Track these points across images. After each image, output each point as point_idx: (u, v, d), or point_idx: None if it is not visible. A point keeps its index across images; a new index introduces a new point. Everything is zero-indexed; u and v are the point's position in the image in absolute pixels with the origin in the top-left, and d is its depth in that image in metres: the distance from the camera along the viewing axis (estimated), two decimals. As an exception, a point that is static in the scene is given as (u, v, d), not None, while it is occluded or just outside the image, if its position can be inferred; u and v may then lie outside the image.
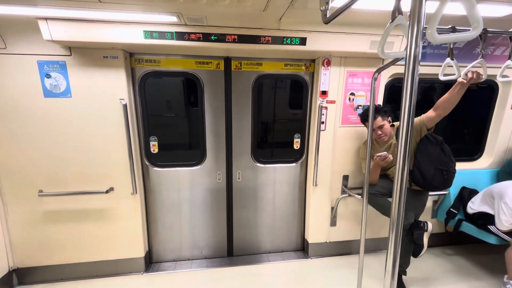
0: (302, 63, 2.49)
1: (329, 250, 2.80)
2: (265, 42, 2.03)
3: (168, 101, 2.46)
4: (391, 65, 1.68)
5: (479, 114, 2.90)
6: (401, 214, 0.83)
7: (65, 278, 2.39)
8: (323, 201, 2.66)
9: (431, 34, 0.84)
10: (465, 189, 2.68)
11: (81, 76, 2.07)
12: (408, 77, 0.77)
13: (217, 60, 2.37)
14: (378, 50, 1.14)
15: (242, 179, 2.66)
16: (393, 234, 0.86)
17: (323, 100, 2.42)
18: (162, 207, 2.59)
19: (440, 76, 1.65)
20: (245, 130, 2.56)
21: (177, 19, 1.82)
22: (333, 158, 2.56)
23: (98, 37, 1.87)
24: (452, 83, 1.81)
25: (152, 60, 2.28)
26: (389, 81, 2.54)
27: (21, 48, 1.96)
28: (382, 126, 2.11)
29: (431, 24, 0.82)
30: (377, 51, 1.15)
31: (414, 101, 0.78)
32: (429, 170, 2.01)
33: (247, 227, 2.79)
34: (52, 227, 2.28)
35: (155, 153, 2.46)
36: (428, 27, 0.82)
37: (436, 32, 0.83)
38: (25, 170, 2.14)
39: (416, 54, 0.75)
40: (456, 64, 1.50)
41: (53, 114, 2.09)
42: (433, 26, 0.82)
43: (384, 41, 1.09)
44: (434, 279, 2.46)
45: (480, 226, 2.36)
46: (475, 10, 0.82)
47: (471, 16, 0.83)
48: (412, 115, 0.79)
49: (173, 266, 2.63)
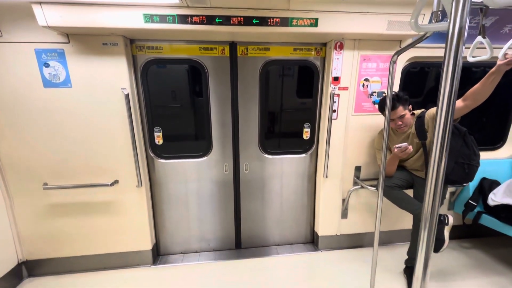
0: (313, 47, 2.33)
1: (340, 243, 2.72)
2: (273, 24, 1.88)
3: (172, 90, 2.35)
4: (410, 47, 1.50)
5: (502, 100, 2.70)
6: (436, 214, 0.72)
7: (74, 270, 2.39)
8: (334, 193, 2.55)
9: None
10: (485, 180, 2.52)
11: (81, 64, 1.98)
12: (449, 57, 0.63)
13: (222, 46, 2.24)
14: (410, 23, 1.00)
15: (249, 170, 2.58)
16: (425, 232, 0.75)
17: (335, 87, 2.27)
18: (169, 200, 2.54)
19: (468, 57, 1.49)
20: (252, 119, 2.45)
21: (178, 0, 1.69)
22: (345, 148, 2.44)
23: (96, 22, 1.76)
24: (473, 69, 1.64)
25: (154, 47, 2.16)
26: (406, 65, 2.37)
27: (17, 36, 1.87)
28: (403, 116, 1.96)
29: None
30: (409, 24, 1.01)
31: (456, 86, 0.65)
32: (449, 164, 1.86)
33: (255, 219, 2.73)
34: (59, 220, 2.26)
35: (159, 144, 2.39)
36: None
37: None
38: (29, 162, 2.10)
39: (462, 25, 0.61)
40: (489, 43, 1.34)
41: (54, 105, 2.02)
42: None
43: (418, 12, 0.94)
44: (451, 274, 2.35)
45: (503, 219, 2.22)
46: None
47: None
48: (453, 104, 0.66)
49: (181, 259, 2.60)
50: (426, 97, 2.61)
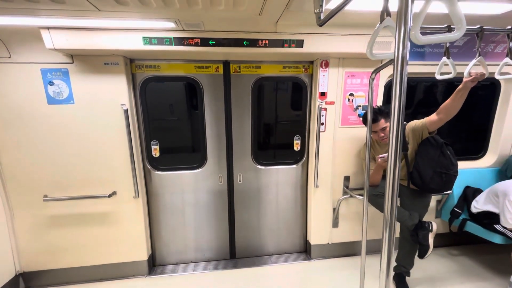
0: (301, 65, 2.50)
1: (331, 251, 2.78)
2: (263, 45, 2.05)
3: (169, 105, 2.49)
4: (388, 65, 1.67)
5: (482, 112, 2.86)
6: (394, 213, 0.83)
7: (70, 282, 2.43)
8: (324, 202, 2.65)
9: (414, 35, 0.84)
10: (468, 188, 2.64)
11: (83, 82, 2.12)
12: (397, 77, 0.77)
13: (216, 64, 2.40)
14: (366, 52, 1.14)
15: (243, 181, 2.68)
16: (386, 233, 0.86)
17: (322, 101, 2.42)
18: (165, 210, 2.61)
19: (436, 75, 1.65)
20: (245, 132, 2.58)
21: (175, 25, 1.85)
22: (333, 159, 2.56)
23: (99, 45, 1.91)
24: (453, 84, 1.80)
25: (152, 66, 2.31)
26: (388, 81, 2.54)
27: (25, 57, 2.01)
28: (384, 128, 2.10)
29: (415, 25, 0.83)
30: (366, 52, 1.15)
31: (403, 101, 0.79)
32: (427, 173, 1.99)
33: (249, 229, 2.80)
34: (57, 231, 2.32)
35: (156, 157, 2.50)
36: (412, 28, 0.83)
37: (421, 33, 0.84)
38: (30, 175, 2.19)
39: (404, 55, 0.75)
40: (452, 63, 1.50)
41: (57, 121, 2.14)
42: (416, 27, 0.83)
43: (372, 43, 1.09)
44: (439, 280, 2.43)
45: (485, 226, 2.32)
46: (457, 9, 0.82)
47: (453, 15, 0.83)
48: (401, 115, 0.80)
49: (176, 269, 2.65)
50: (408, 109, 2.77)
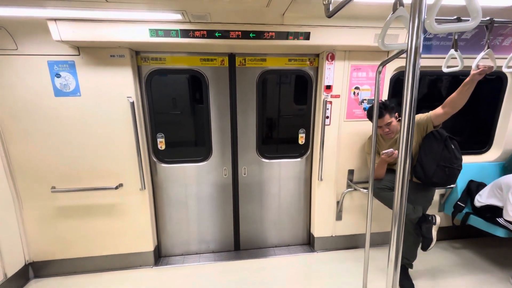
0: (306, 58, 2.49)
1: (335, 244, 2.82)
2: (269, 37, 2.04)
3: (174, 98, 2.50)
4: (395, 58, 1.66)
5: (487, 106, 2.85)
6: (403, 207, 0.84)
7: (78, 271, 2.48)
8: (328, 196, 2.67)
9: (429, 24, 0.84)
10: (472, 182, 2.65)
11: (90, 75, 2.12)
12: (409, 69, 0.77)
13: (222, 57, 2.39)
14: (378, 42, 1.14)
15: (247, 174, 2.70)
16: (395, 226, 0.88)
17: (327, 95, 2.42)
18: (170, 203, 2.64)
19: (443, 68, 1.64)
20: (250, 126, 2.59)
21: (181, 16, 1.84)
22: (338, 152, 2.57)
23: (106, 36, 1.91)
24: (460, 77, 1.79)
25: (158, 58, 2.31)
26: (394, 74, 2.52)
27: (31, 49, 2.02)
28: (390, 123, 2.10)
29: (430, 14, 0.82)
30: (377, 43, 1.15)
31: (415, 94, 0.79)
32: (431, 167, 2.00)
33: (253, 221, 2.83)
34: (65, 222, 2.36)
35: (162, 149, 2.51)
36: (427, 17, 0.82)
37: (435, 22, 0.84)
38: (38, 167, 2.22)
39: (417, 46, 0.75)
40: (460, 56, 1.49)
41: (64, 113, 2.16)
42: (432, 16, 0.83)
43: (384, 33, 1.09)
44: (441, 272, 2.45)
45: (488, 219, 2.34)
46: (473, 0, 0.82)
47: (470, 5, 0.83)
48: (413, 109, 0.80)
49: (182, 260, 2.69)
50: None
